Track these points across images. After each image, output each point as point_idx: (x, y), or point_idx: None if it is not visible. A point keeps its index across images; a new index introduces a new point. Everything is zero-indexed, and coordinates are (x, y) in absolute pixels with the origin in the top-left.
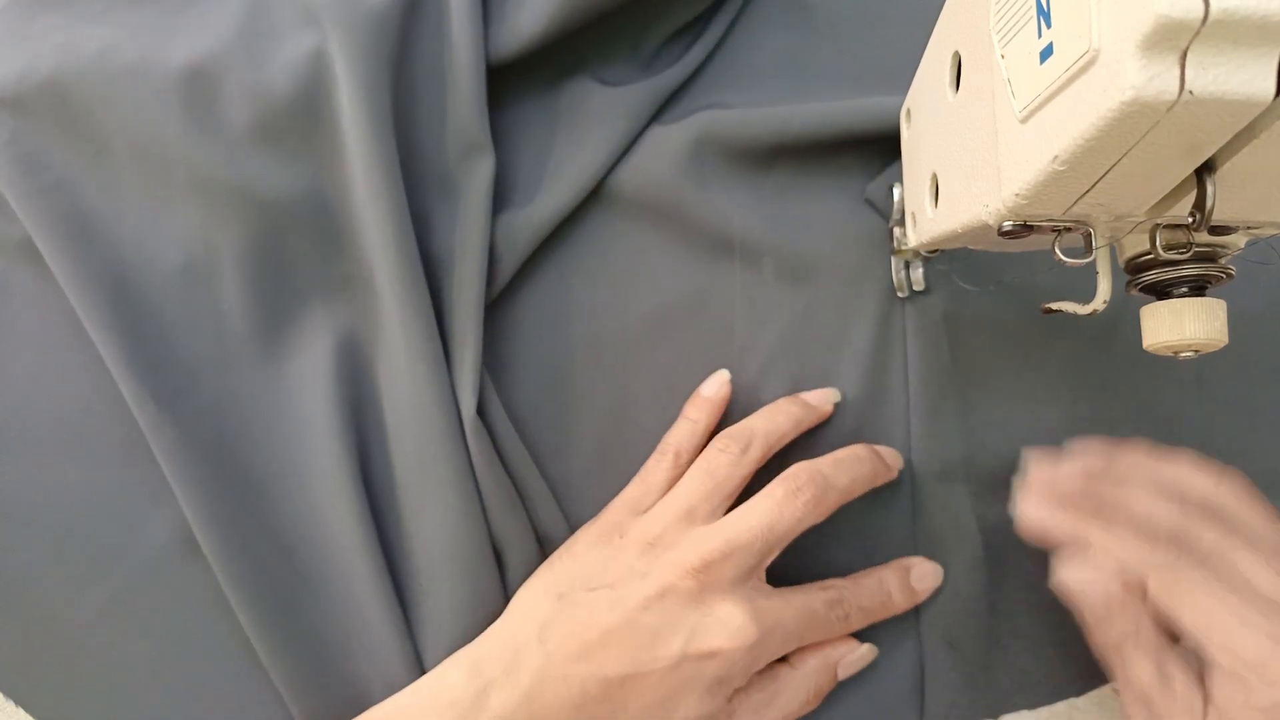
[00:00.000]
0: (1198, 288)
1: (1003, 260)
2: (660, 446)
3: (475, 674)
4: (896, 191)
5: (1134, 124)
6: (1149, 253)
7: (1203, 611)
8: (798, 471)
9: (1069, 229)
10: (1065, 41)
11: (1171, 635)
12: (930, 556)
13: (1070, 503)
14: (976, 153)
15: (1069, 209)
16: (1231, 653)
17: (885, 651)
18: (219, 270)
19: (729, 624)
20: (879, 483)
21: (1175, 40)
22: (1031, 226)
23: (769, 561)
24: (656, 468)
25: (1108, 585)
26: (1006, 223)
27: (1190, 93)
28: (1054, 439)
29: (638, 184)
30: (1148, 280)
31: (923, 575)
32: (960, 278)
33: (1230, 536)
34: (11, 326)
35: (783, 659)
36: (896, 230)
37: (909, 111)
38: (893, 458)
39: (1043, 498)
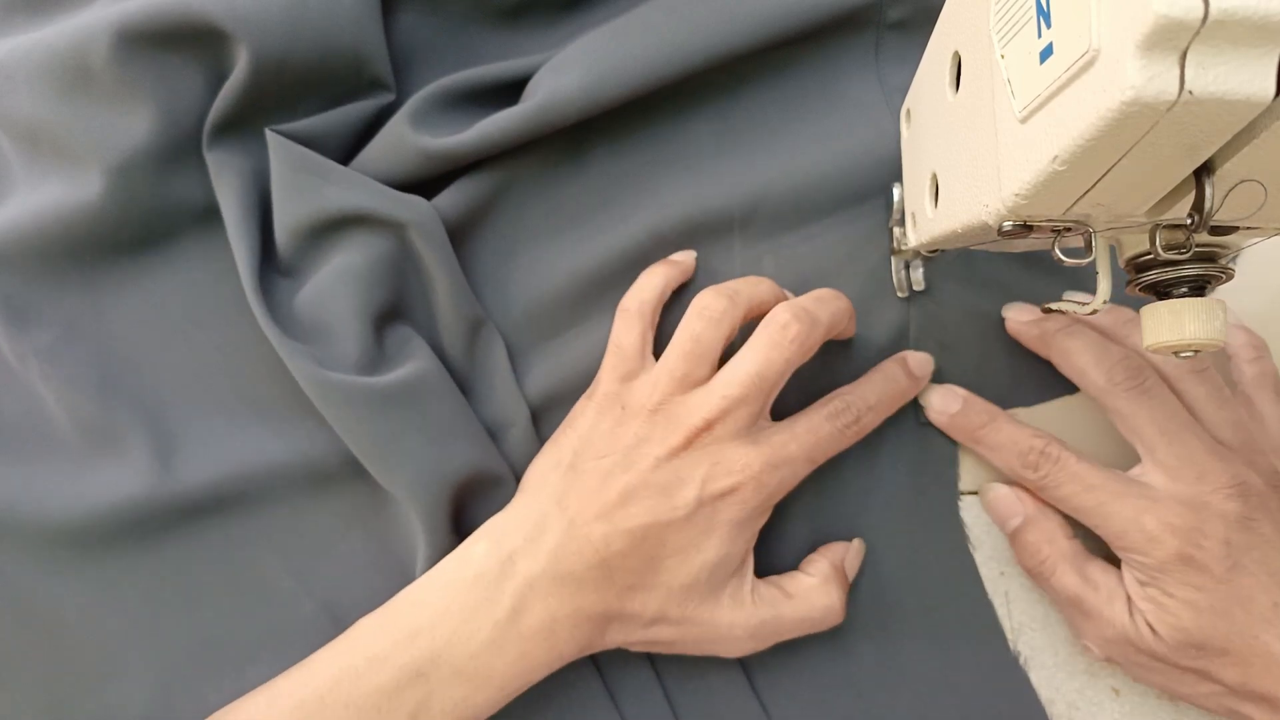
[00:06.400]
0: (1198, 288)
1: (1002, 260)
2: (619, 308)
3: (499, 545)
4: (896, 191)
5: (1134, 124)
6: (1149, 253)
7: (1075, 495)
8: (779, 312)
9: (1069, 229)
10: (1065, 41)
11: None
12: None
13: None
14: (976, 153)
15: (1069, 209)
16: (1106, 531)
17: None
18: None
19: (737, 463)
20: (849, 321)
21: (1175, 40)
22: (1031, 226)
23: (769, 404)
24: (625, 330)
25: (1012, 507)
26: (1006, 223)
27: (1190, 93)
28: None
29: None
30: (1148, 280)
31: (920, 363)
32: (960, 278)
33: None
34: None
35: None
36: (896, 230)
37: (909, 111)
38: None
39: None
